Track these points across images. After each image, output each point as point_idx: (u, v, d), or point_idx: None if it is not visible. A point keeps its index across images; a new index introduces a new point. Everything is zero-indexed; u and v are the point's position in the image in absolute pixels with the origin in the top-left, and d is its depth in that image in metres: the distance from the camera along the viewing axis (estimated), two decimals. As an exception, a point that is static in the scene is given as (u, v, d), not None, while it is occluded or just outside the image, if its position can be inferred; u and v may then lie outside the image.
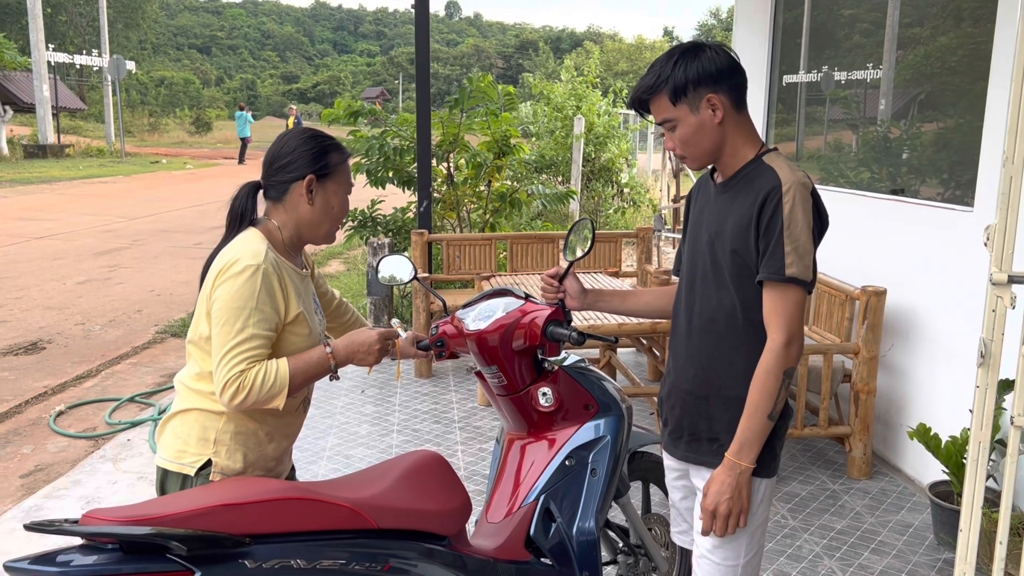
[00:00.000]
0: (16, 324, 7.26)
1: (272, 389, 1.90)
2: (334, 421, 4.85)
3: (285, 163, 2.05)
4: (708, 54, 1.87)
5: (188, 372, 2.04)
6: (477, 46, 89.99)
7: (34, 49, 26.10)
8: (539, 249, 6.12)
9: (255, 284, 1.90)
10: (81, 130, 34.26)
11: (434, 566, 1.90)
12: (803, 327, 1.87)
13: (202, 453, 1.97)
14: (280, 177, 2.06)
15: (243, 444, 1.99)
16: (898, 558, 3.40)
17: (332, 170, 2.07)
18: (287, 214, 2.07)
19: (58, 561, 1.52)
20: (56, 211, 14.59)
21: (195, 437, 1.98)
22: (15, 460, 4.51)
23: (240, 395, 1.87)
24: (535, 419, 2.27)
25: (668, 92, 1.88)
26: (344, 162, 2.11)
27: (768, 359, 1.85)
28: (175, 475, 1.99)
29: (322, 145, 2.06)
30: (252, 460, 2.01)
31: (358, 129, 7.25)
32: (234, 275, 1.90)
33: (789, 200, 1.82)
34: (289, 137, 2.09)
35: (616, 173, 13.43)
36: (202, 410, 1.99)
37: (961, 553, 1.99)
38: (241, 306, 1.89)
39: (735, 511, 1.89)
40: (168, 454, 2.00)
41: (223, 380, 1.87)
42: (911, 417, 4.10)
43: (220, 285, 1.91)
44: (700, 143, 1.91)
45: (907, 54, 4.47)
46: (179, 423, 2.02)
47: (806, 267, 1.82)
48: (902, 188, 4.44)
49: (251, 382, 1.88)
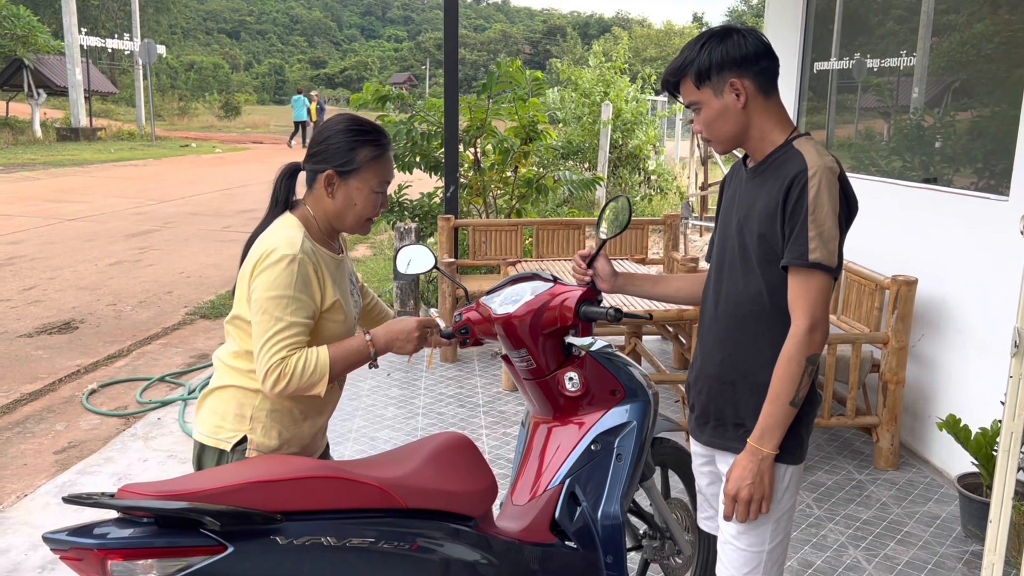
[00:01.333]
0: (50, 304, 7.39)
1: (312, 376, 1.93)
2: (360, 403, 4.89)
3: (316, 151, 2.05)
4: (735, 38, 1.87)
5: (227, 349, 2.08)
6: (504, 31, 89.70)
7: (67, 33, 26.40)
8: (565, 235, 6.12)
9: (292, 273, 1.92)
10: (112, 113, 34.63)
11: (460, 546, 1.92)
12: (828, 313, 1.85)
13: (238, 429, 2.00)
14: (311, 165, 2.06)
15: (278, 422, 2.03)
16: (924, 549, 3.37)
17: (358, 167, 2.02)
18: (315, 203, 2.08)
19: (95, 533, 1.55)
20: (88, 193, 14.79)
21: (232, 413, 2.02)
22: (49, 437, 4.60)
23: (282, 382, 1.90)
24: (561, 403, 2.27)
25: (693, 75, 1.89)
26: (375, 159, 2.05)
27: (791, 345, 1.84)
28: (212, 450, 2.03)
29: (353, 140, 2.02)
30: (287, 437, 2.05)
31: (386, 114, 7.27)
32: (271, 264, 1.93)
33: (815, 184, 1.80)
34: (330, 124, 2.07)
35: (643, 160, 13.36)
36: (239, 387, 2.03)
37: (990, 544, 1.98)
38: (279, 295, 1.91)
39: (756, 497, 1.88)
40: (205, 429, 2.04)
41: (265, 368, 1.90)
42: (940, 408, 4.06)
43: (258, 275, 1.94)
44: (724, 127, 1.92)
45: (942, 41, 4.40)
46: (217, 399, 2.06)
47: (831, 252, 1.81)
48: (935, 177, 4.38)
49: (292, 369, 1.91)
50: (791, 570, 3.19)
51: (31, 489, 3.93)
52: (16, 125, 26.30)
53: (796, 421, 1.93)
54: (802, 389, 1.85)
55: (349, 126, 2.05)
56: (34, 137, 25.22)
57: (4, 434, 4.63)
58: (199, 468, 2.06)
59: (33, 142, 24.66)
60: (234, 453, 2.00)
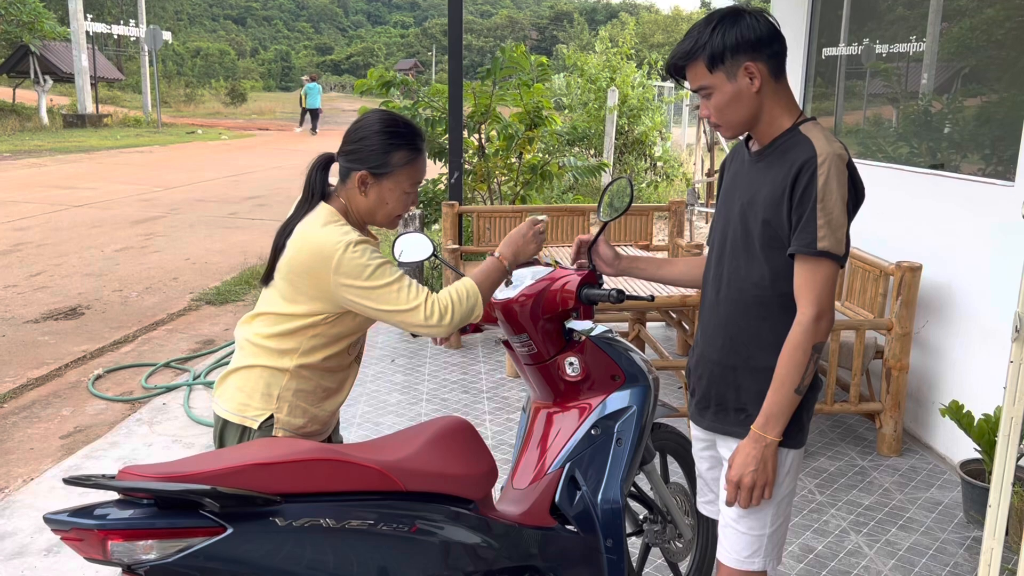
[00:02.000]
0: (56, 290, 7.42)
1: (470, 300, 2.00)
2: (364, 389, 4.91)
3: (352, 149, 2.08)
4: (748, 20, 1.83)
5: (259, 331, 2.09)
6: (511, 17, 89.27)
7: (73, 19, 26.35)
8: (570, 222, 6.10)
9: (364, 252, 1.96)
10: (119, 100, 34.63)
11: (460, 529, 1.93)
12: (834, 301, 1.84)
13: (265, 408, 2.05)
14: (346, 160, 2.09)
15: (303, 400, 2.08)
16: (926, 535, 3.38)
17: (392, 170, 2.06)
18: (347, 196, 2.11)
19: (95, 514, 1.56)
20: (94, 180, 14.82)
21: (259, 392, 2.06)
22: (55, 421, 4.63)
23: (448, 314, 1.96)
24: (562, 388, 2.28)
25: (705, 59, 1.84)
26: (409, 162, 2.08)
27: (797, 333, 1.83)
28: (235, 426, 2.08)
29: (389, 144, 2.05)
30: (312, 415, 2.11)
31: (390, 100, 7.25)
32: (346, 255, 1.95)
33: (824, 172, 1.79)
34: (369, 122, 2.08)
35: (649, 146, 13.32)
36: (267, 367, 2.06)
37: (989, 529, 1.98)
38: (371, 271, 1.95)
39: (760, 484, 1.88)
40: (230, 406, 2.08)
41: (422, 315, 1.94)
42: (943, 394, 4.05)
43: (342, 271, 1.95)
44: (736, 112, 1.88)
45: (952, 26, 4.36)
46: (243, 378, 2.09)
47: (838, 240, 1.80)
48: (942, 163, 4.35)
49: (448, 301, 1.97)
50: (793, 555, 3.20)
51: (37, 473, 3.96)
52: (23, 112, 26.35)
53: (798, 406, 1.93)
54: (807, 377, 1.85)
55: (385, 127, 2.06)
56: (40, 124, 25.25)
57: (11, 419, 4.66)
58: (221, 443, 2.12)
59: (39, 129, 24.69)
60: (261, 431, 2.06)
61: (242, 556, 1.61)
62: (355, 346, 2.18)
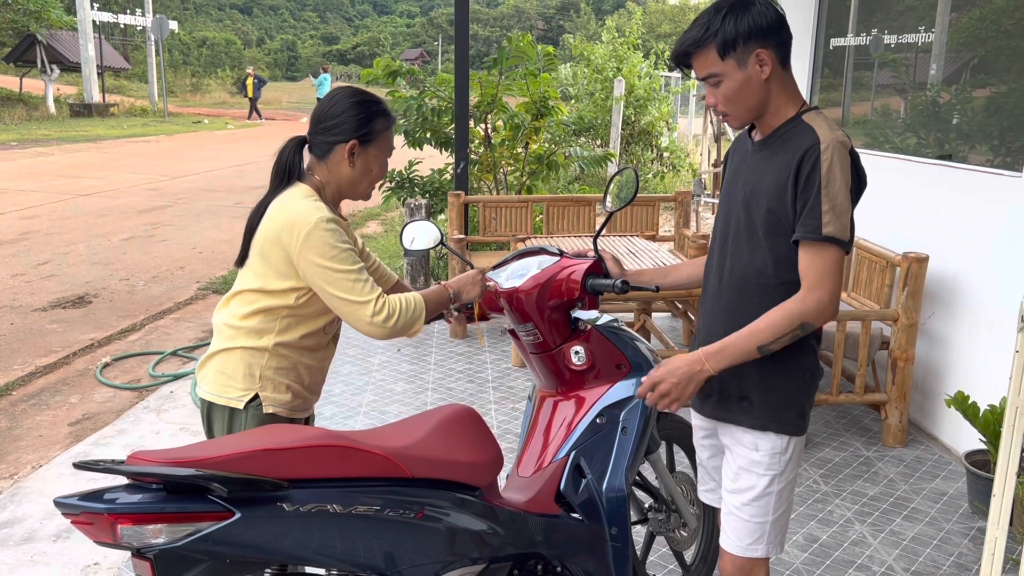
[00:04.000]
0: (64, 278, 7.45)
1: (414, 314, 2.07)
2: (371, 378, 4.92)
3: (331, 124, 2.13)
4: (758, 7, 1.83)
5: (235, 312, 2.15)
6: (518, 7, 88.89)
7: (79, 8, 26.37)
8: (575, 212, 6.10)
9: (335, 232, 2.02)
10: (125, 89, 34.64)
11: (466, 515, 1.94)
12: (839, 289, 1.84)
13: (249, 388, 2.11)
14: (325, 137, 2.14)
15: (286, 377, 2.14)
16: (931, 525, 3.38)
17: (375, 136, 2.14)
18: (329, 172, 2.16)
19: (105, 498, 1.57)
20: (101, 169, 14.85)
21: (241, 373, 2.11)
22: (64, 409, 4.66)
23: (392, 318, 2.02)
24: (567, 377, 2.28)
25: (717, 45, 1.83)
26: (388, 128, 2.18)
27: (792, 302, 1.83)
28: (221, 408, 2.13)
29: (369, 111, 2.13)
30: (296, 390, 2.17)
31: (396, 90, 7.24)
32: (315, 231, 2.00)
33: (827, 158, 1.79)
34: (339, 98, 2.15)
35: (656, 137, 13.29)
36: (246, 348, 2.11)
37: (993, 518, 1.98)
38: (336, 253, 2.01)
39: (672, 397, 1.89)
40: (213, 388, 2.14)
41: (369, 311, 2.00)
42: (949, 385, 4.05)
43: (303, 246, 2.01)
44: (745, 100, 1.87)
45: (961, 17, 4.34)
46: (223, 360, 2.14)
47: (843, 226, 1.80)
48: (949, 154, 4.34)
49: (397, 307, 2.04)
50: (797, 544, 3.21)
51: (46, 460, 3.99)
52: (30, 101, 26.38)
53: (798, 392, 1.93)
54: (777, 344, 1.84)
55: (361, 99, 2.15)
56: (47, 113, 25.30)
57: (20, 406, 4.69)
58: (209, 425, 2.18)
59: (46, 118, 24.74)
60: (248, 410, 2.11)
61: (250, 540, 1.63)
62: (331, 325, 2.22)
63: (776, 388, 1.95)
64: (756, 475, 1.98)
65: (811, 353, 1.97)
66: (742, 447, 2.00)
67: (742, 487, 2.01)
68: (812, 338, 1.95)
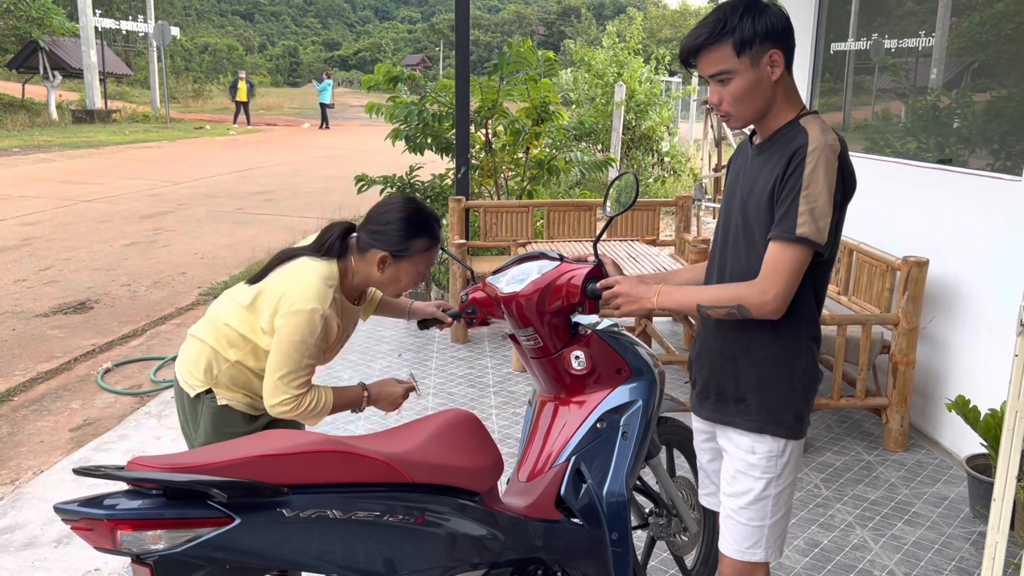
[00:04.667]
0: (65, 284, 7.46)
1: (316, 414, 2.23)
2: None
3: (376, 229, 2.25)
4: (773, 10, 1.86)
5: (227, 315, 2.28)
6: (519, 12, 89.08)
7: (82, 15, 26.44)
8: (576, 217, 6.11)
9: (316, 326, 2.15)
10: (127, 95, 34.71)
11: (466, 521, 1.94)
12: (790, 288, 1.83)
13: (205, 382, 2.29)
14: (368, 237, 2.26)
15: (240, 386, 2.30)
16: (932, 530, 3.38)
17: (411, 254, 2.25)
18: (362, 267, 2.28)
19: (105, 504, 1.58)
20: (103, 175, 14.88)
21: (201, 368, 2.29)
22: (65, 414, 4.67)
23: (291, 413, 2.19)
24: (567, 382, 2.29)
25: (735, 42, 1.84)
26: (428, 249, 2.28)
27: (741, 285, 1.88)
28: (180, 390, 2.35)
29: (413, 231, 2.24)
30: (251, 397, 2.31)
31: (397, 95, 7.26)
32: (299, 312, 2.14)
33: (812, 160, 1.79)
34: (394, 207, 2.26)
35: (657, 141, 13.29)
36: (215, 349, 2.28)
37: (993, 523, 1.98)
38: (302, 340, 2.14)
39: (617, 303, 2.03)
40: (180, 368, 2.36)
41: (280, 398, 2.16)
42: (950, 389, 4.05)
43: (288, 316, 2.14)
44: (753, 99, 1.88)
45: (961, 21, 4.35)
46: (193, 349, 2.33)
47: (819, 230, 1.80)
48: (950, 158, 4.34)
49: (304, 405, 2.19)
50: (798, 549, 3.20)
51: (47, 465, 3.99)
52: (32, 107, 26.44)
53: (795, 395, 1.94)
54: (712, 311, 1.91)
55: (409, 215, 2.25)
56: (50, 119, 25.35)
57: (21, 412, 4.70)
58: (180, 407, 2.39)
59: (49, 124, 24.79)
60: (199, 400, 2.30)
61: (249, 546, 1.63)
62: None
63: (773, 391, 1.95)
64: (753, 478, 1.98)
65: (809, 356, 1.97)
66: (739, 450, 2.00)
67: (739, 490, 2.01)
68: (811, 341, 1.96)
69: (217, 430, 2.29)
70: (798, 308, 1.89)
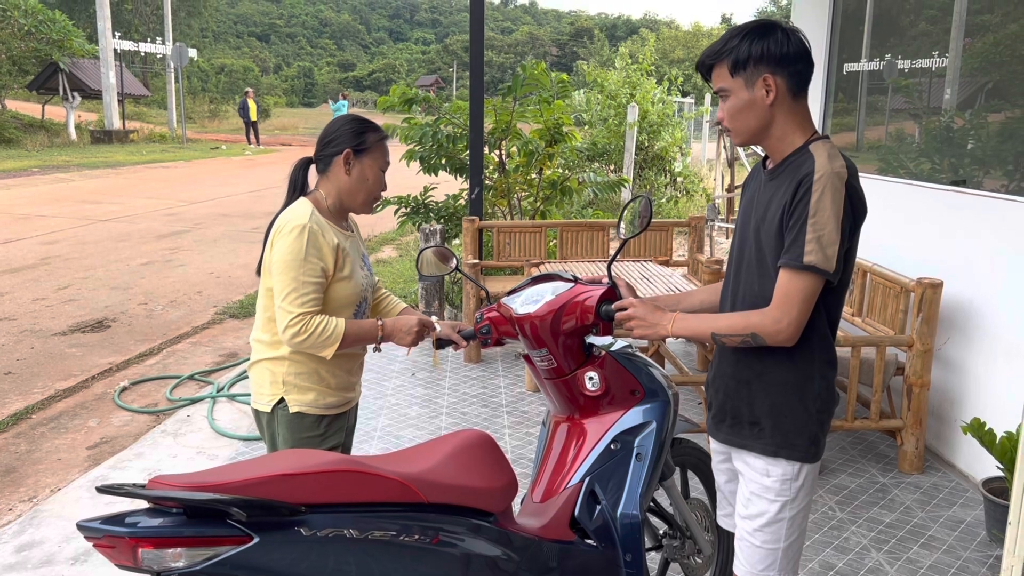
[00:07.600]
0: (83, 303, 7.54)
1: (327, 340, 2.27)
2: (385, 402, 4.94)
3: (330, 140, 2.41)
4: (778, 36, 1.89)
5: (256, 325, 2.41)
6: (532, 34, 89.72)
7: (101, 37, 26.82)
8: (589, 237, 6.13)
9: (303, 240, 2.25)
10: (145, 116, 35.12)
11: (481, 541, 1.95)
12: (802, 316, 1.85)
13: (275, 394, 2.37)
14: (326, 152, 2.41)
15: (307, 381, 2.37)
16: (948, 553, 3.35)
17: (368, 146, 2.40)
18: (330, 184, 2.42)
19: (126, 522, 1.60)
20: (120, 194, 15.04)
21: (267, 382, 2.38)
22: (82, 432, 4.71)
23: (301, 336, 2.24)
24: (581, 403, 2.30)
25: (729, 62, 1.91)
26: (379, 141, 2.43)
27: (755, 313, 1.90)
28: (258, 413, 2.44)
29: (362, 126, 2.42)
30: (321, 391, 2.39)
31: (412, 116, 7.33)
32: (285, 234, 2.27)
33: (819, 189, 1.81)
34: (336, 121, 2.45)
35: (669, 162, 13.33)
36: (266, 359, 2.38)
37: (1009, 546, 1.97)
38: (294, 259, 2.24)
39: (632, 326, 2.06)
40: (253, 397, 2.46)
41: (286, 320, 2.23)
42: (965, 412, 4.03)
43: (275, 244, 2.28)
44: (747, 120, 1.93)
45: (975, 42, 4.36)
46: (254, 373, 2.44)
47: (827, 258, 1.81)
48: (964, 179, 4.34)
49: (312, 327, 2.24)
50: (813, 572, 3.18)
51: (65, 483, 4.02)
52: (52, 127, 26.79)
53: (809, 419, 1.94)
54: (727, 340, 1.93)
55: (353, 119, 2.44)
56: (69, 139, 25.67)
57: (39, 429, 4.74)
58: (260, 430, 2.48)
59: (68, 144, 25.10)
60: (275, 413, 2.38)
61: (267, 565, 1.65)
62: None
63: (787, 415, 1.96)
64: (767, 501, 1.99)
65: (823, 380, 1.97)
66: (754, 472, 2.01)
67: (753, 513, 2.01)
68: (826, 365, 1.96)
69: (294, 437, 2.38)
70: (811, 333, 1.90)
